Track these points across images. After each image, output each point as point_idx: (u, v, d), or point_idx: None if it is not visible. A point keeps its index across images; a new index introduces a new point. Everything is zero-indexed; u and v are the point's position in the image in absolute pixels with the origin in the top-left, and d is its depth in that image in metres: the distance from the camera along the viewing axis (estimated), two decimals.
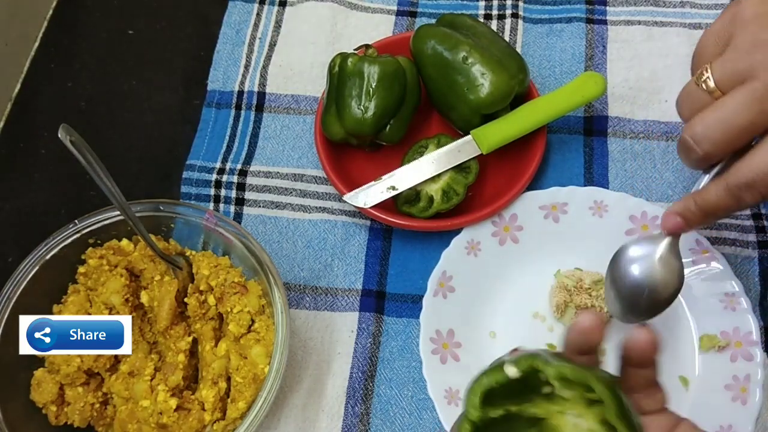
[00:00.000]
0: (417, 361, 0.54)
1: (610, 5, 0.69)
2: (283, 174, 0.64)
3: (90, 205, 0.55)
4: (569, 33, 0.68)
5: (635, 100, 0.65)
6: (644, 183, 0.61)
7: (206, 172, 0.64)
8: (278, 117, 0.67)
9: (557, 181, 0.61)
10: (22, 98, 0.70)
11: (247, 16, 0.71)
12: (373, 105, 0.57)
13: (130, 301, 0.53)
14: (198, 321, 0.54)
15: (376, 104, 0.57)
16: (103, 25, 0.73)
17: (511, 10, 0.69)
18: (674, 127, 0.63)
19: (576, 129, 0.64)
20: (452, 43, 0.58)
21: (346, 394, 0.55)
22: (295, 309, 0.58)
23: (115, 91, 0.70)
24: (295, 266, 0.60)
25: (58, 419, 0.52)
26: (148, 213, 0.55)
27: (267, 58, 0.69)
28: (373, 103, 0.57)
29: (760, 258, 0.57)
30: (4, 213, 0.65)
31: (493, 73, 0.57)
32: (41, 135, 0.68)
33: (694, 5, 0.69)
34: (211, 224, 0.54)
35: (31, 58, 0.71)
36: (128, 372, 0.52)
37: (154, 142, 0.67)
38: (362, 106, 0.58)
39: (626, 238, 0.56)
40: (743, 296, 0.53)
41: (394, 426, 0.54)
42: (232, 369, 0.52)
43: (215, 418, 0.51)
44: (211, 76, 0.69)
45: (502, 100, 0.58)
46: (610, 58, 0.67)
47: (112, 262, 0.54)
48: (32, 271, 0.52)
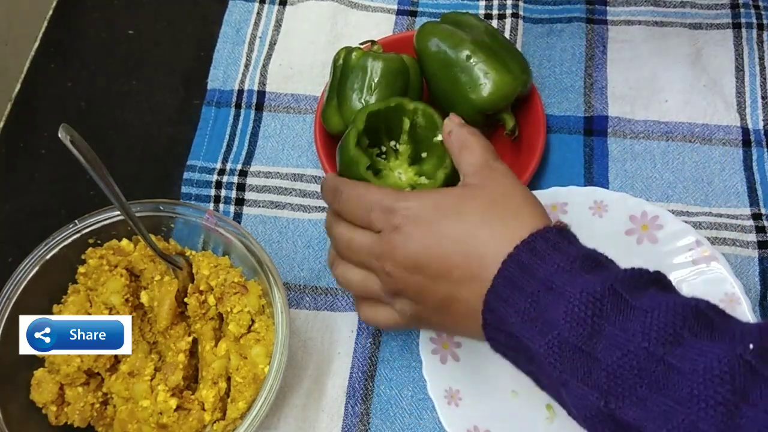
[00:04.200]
0: (417, 361, 0.54)
1: (611, 5, 0.69)
2: (283, 174, 0.64)
3: (90, 205, 0.55)
4: (569, 33, 0.68)
5: (635, 100, 0.65)
6: (644, 183, 0.61)
7: (207, 173, 0.64)
8: (278, 116, 0.66)
9: (557, 181, 0.61)
10: (22, 98, 0.70)
11: (247, 15, 0.71)
12: (373, 100, 0.57)
13: (130, 301, 0.53)
14: (198, 321, 0.54)
15: (376, 99, 0.57)
16: (103, 25, 0.73)
17: (512, 10, 0.69)
18: (674, 127, 0.63)
19: (576, 129, 0.64)
20: (456, 42, 0.58)
21: (346, 394, 0.55)
22: (295, 309, 0.58)
23: (115, 91, 0.70)
24: (295, 266, 0.60)
25: (58, 419, 0.52)
26: (148, 213, 0.54)
27: (267, 57, 0.69)
28: (374, 98, 0.57)
29: (760, 258, 0.57)
30: (4, 213, 0.65)
31: (496, 73, 0.57)
32: (41, 135, 0.68)
33: (694, 5, 0.69)
34: (211, 224, 0.54)
35: (31, 58, 0.71)
36: (128, 372, 0.52)
37: (154, 142, 0.67)
38: (363, 100, 0.57)
39: (626, 237, 0.56)
40: (743, 296, 0.53)
41: (394, 426, 0.54)
42: (232, 369, 0.52)
43: (215, 418, 0.51)
44: (211, 75, 0.69)
45: (504, 100, 0.58)
46: (610, 58, 0.67)
47: (112, 262, 0.54)
48: (32, 271, 0.52)
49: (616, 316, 0.35)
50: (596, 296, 0.36)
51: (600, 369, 0.35)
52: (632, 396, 0.34)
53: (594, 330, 0.35)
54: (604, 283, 0.36)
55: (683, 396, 0.32)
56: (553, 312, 0.37)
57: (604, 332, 0.35)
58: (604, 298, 0.36)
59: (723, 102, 0.64)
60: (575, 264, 0.38)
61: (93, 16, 0.74)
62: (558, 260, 0.38)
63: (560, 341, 0.36)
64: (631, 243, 0.56)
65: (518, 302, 0.38)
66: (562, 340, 0.36)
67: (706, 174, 0.61)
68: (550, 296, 0.37)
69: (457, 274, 0.42)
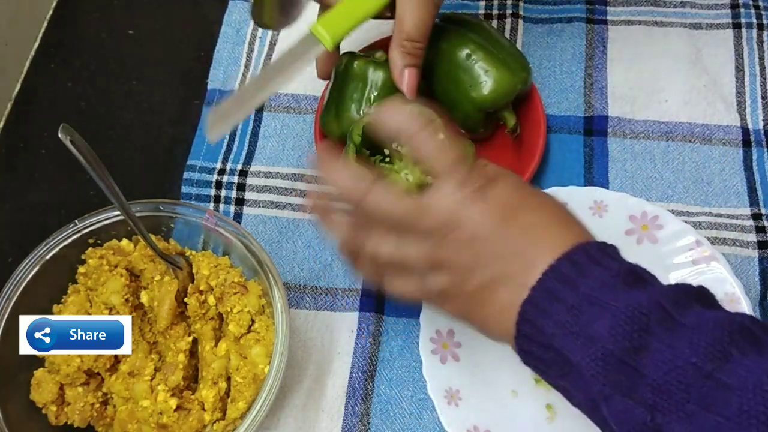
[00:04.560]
0: (417, 361, 0.54)
1: (611, 5, 0.69)
2: (283, 174, 0.64)
3: (90, 205, 0.55)
4: (569, 33, 0.68)
5: (635, 100, 0.65)
6: (644, 183, 0.61)
7: (207, 173, 0.64)
8: (278, 116, 0.67)
9: (557, 181, 0.61)
10: (22, 98, 0.70)
11: (247, 15, 0.71)
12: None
13: (130, 301, 0.53)
14: (198, 321, 0.54)
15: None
16: (103, 25, 0.73)
17: (512, 10, 0.69)
18: (674, 127, 0.63)
19: (576, 129, 0.64)
20: (456, 41, 0.58)
21: (346, 394, 0.55)
22: (295, 309, 0.58)
23: (115, 91, 0.70)
24: (295, 266, 0.60)
25: (58, 419, 0.52)
26: (148, 213, 0.54)
27: (267, 57, 0.69)
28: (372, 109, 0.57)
29: (760, 258, 0.57)
30: (4, 213, 0.65)
31: (496, 70, 0.56)
32: (41, 135, 0.68)
33: (695, 5, 0.69)
34: (211, 224, 0.54)
35: (31, 58, 0.71)
36: (128, 372, 0.52)
37: (154, 142, 0.67)
38: (361, 112, 0.57)
39: (626, 237, 0.56)
40: (743, 296, 0.53)
41: (394, 426, 0.54)
42: (232, 369, 0.52)
43: (215, 418, 0.51)
44: (212, 75, 0.69)
45: (505, 97, 0.58)
46: (610, 58, 0.67)
47: (112, 262, 0.54)
48: (32, 271, 0.52)
49: (662, 331, 0.35)
50: (642, 311, 0.35)
51: (646, 384, 0.34)
52: (679, 411, 0.33)
53: (640, 345, 0.35)
54: (650, 298, 0.36)
55: (732, 412, 0.32)
56: (597, 326, 0.36)
57: (650, 347, 0.35)
58: (650, 313, 0.35)
59: (723, 102, 0.64)
60: (618, 279, 0.37)
61: (93, 16, 0.74)
62: (600, 275, 0.38)
63: (604, 354, 0.35)
64: (631, 243, 0.56)
65: (559, 315, 0.37)
66: (607, 353, 0.35)
67: (706, 174, 0.61)
68: (594, 310, 0.37)
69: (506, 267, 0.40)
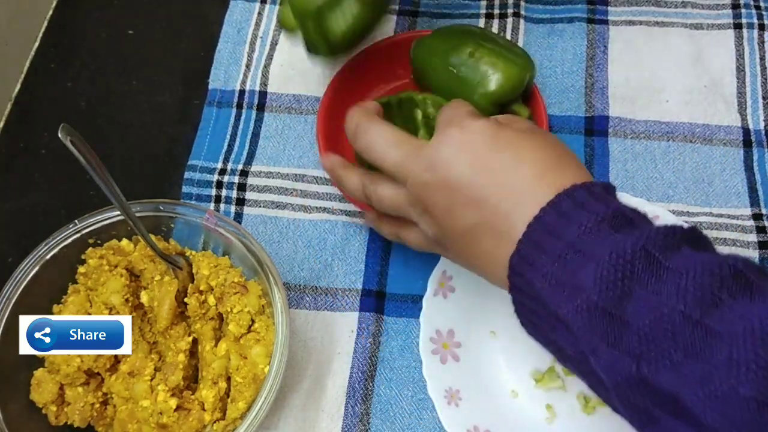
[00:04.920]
0: (417, 361, 0.54)
1: (612, 5, 0.69)
2: (284, 174, 0.64)
3: (90, 205, 0.55)
4: (570, 33, 0.68)
5: (636, 100, 0.65)
6: (645, 183, 0.61)
7: (208, 173, 0.64)
8: (279, 116, 0.66)
9: None
10: (22, 98, 0.70)
11: (248, 15, 0.71)
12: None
13: (130, 301, 0.53)
14: (198, 321, 0.54)
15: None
16: (103, 25, 0.73)
17: (513, 10, 0.69)
18: (675, 128, 0.63)
19: (576, 129, 0.64)
20: (455, 44, 0.58)
21: (346, 394, 0.55)
22: (295, 309, 0.58)
23: (115, 91, 0.70)
24: (295, 266, 0.60)
25: (58, 419, 0.52)
26: (148, 213, 0.54)
27: (269, 58, 0.69)
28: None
29: (760, 258, 0.57)
30: (4, 213, 0.65)
31: (503, 63, 0.56)
32: (41, 135, 0.67)
33: (695, 5, 0.69)
34: (211, 224, 0.54)
35: (31, 58, 0.71)
36: (128, 372, 0.52)
37: (154, 142, 0.67)
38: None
39: None
40: None
41: (394, 426, 0.54)
42: (232, 369, 0.52)
43: (215, 418, 0.51)
44: (212, 75, 0.69)
45: (515, 89, 0.57)
46: (611, 58, 0.67)
47: (112, 262, 0.54)
48: (32, 271, 0.52)
49: (648, 277, 0.33)
50: (626, 257, 0.34)
51: (631, 333, 0.33)
52: (666, 360, 0.32)
53: (624, 293, 0.34)
54: (635, 243, 0.34)
55: (721, 360, 0.31)
56: (582, 275, 0.35)
57: (635, 295, 0.33)
58: (634, 259, 0.34)
59: (724, 102, 0.64)
60: (603, 223, 0.36)
61: (93, 16, 0.74)
62: (584, 220, 0.36)
63: (589, 305, 0.34)
64: None
65: (545, 266, 0.37)
66: (591, 305, 0.34)
67: (707, 174, 0.61)
68: (579, 258, 0.36)
69: (487, 210, 0.40)
